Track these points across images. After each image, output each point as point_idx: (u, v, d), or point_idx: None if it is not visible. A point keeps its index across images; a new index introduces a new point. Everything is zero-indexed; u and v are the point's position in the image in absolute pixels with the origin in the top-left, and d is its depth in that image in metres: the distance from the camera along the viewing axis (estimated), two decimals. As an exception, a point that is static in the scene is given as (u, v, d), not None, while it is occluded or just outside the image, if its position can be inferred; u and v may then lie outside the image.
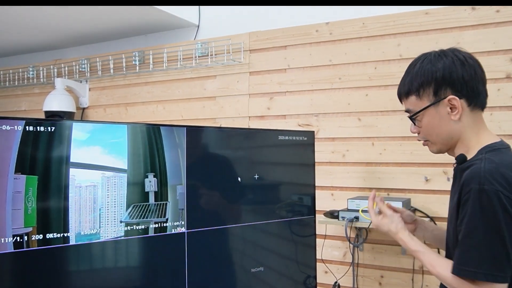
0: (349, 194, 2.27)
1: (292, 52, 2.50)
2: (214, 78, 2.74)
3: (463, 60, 1.23)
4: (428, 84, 1.25)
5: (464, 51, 1.26)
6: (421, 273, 2.13)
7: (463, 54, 1.25)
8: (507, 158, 1.18)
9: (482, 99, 1.25)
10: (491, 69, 2.03)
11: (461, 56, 1.23)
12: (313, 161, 2.04)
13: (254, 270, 1.83)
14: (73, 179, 1.40)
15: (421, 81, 1.26)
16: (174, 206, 1.61)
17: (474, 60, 1.25)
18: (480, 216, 1.11)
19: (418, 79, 1.26)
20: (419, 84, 1.26)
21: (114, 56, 3.04)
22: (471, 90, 1.22)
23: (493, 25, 2.03)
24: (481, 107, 1.26)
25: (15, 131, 1.31)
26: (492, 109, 2.02)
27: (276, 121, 2.53)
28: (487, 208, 1.10)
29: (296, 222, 1.97)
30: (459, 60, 1.23)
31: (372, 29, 2.28)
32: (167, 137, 1.61)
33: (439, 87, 1.23)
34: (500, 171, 1.12)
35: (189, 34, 2.85)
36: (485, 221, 1.10)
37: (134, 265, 1.56)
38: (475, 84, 1.22)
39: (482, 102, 1.25)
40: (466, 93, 1.22)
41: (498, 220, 1.09)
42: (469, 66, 1.22)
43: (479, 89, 1.23)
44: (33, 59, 3.54)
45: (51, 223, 1.36)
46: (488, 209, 1.10)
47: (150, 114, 2.95)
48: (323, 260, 2.33)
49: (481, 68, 1.25)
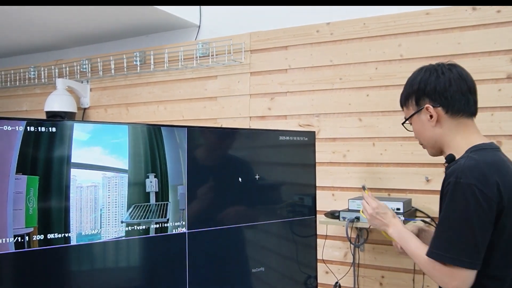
0: (350, 195, 2.27)
1: (293, 52, 2.50)
2: (215, 79, 2.74)
3: (440, 72, 1.38)
4: (411, 96, 1.43)
5: (455, 66, 1.40)
6: (422, 273, 2.13)
7: (447, 67, 1.39)
8: (490, 156, 1.29)
9: (463, 106, 1.36)
10: (491, 70, 2.03)
11: (441, 70, 1.38)
12: (314, 161, 2.04)
13: (255, 271, 1.84)
14: (74, 179, 1.40)
15: (406, 93, 1.46)
16: (175, 207, 1.61)
17: (456, 72, 1.38)
18: (454, 206, 1.23)
19: (404, 91, 1.47)
20: (405, 96, 1.46)
21: (115, 56, 3.05)
22: (446, 99, 1.36)
23: (494, 25, 2.03)
24: (463, 113, 1.37)
25: (16, 132, 1.31)
26: (493, 110, 2.02)
27: (277, 122, 2.53)
28: (461, 199, 1.21)
29: (297, 222, 1.97)
30: (435, 73, 1.38)
31: (373, 29, 2.28)
32: (168, 137, 1.62)
33: (419, 98, 1.41)
34: (479, 166, 1.23)
35: (190, 35, 2.85)
36: (457, 211, 1.22)
37: (135, 265, 1.57)
38: (450, 93, 1.35)
39: (462, 109, 1.36)
40: (441, 102, 1.36)
41: (469, 211, 1.20)
42: (444, 77, 1.37)
43: (456, 98, 1.35)
44: (34, 60, 3.55)
45: (52, 223, 1.37)
46: (461, 200, 1.21)
47: (151, 115, 2.96)
48: (324, 260, 2.33)
49: (461, 78, 1.37)
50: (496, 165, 1.27)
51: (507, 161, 1.34)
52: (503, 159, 1.32)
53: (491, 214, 1.21)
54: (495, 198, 1.20)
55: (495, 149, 1.35)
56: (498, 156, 1.32)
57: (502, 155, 1.35)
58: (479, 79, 2.04)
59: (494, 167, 1.25)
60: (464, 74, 1.39)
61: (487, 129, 2.03)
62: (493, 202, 1.20)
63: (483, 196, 1.19)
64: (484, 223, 1.20)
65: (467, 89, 1.37)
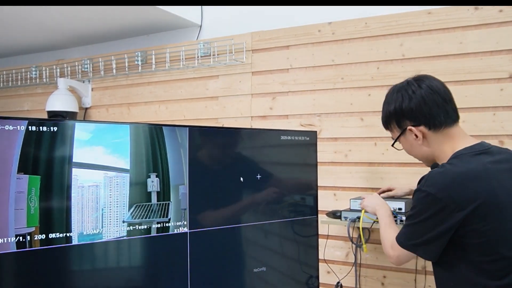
0: (351, 194, 2.27)
1: (295, 52, 2.50)
2: (216, 78, 2.74)
3: (411, 92, 1.42)
4: (390, 120, 1.49)
5: (423, 79, 1.44)
6: (424, 273, 2.13)
7: (416, 85, 1.43)
8: (464, 164, 1.33)
9: (443, 118, 1.40)
10: (494, 69, 2.03)
11: (411, 89, 1.42)
12: (316, 161, 2.04)
13: (257, 270, 1.83)
14: (76, 179, 1.40)
15: (385, 118, 1.51)
16: (177, 206, 1.61)
17: (426, 87, 1.41)
18: (413, 209, 1.38)
19: (383, 116, 1.52)
20: (385, 121, 1.52)
21: (117, 56, 3.05)
22: (424, 116, 1.40)
23: (496, 25, 2.03)
24: (445, 124, 1.40)
25: (17, 131, 1.31)
26: (495, 109, 2.02)
27: (278, 121, 2.53)
28: (416, 204, 1.36)
29: (299, 222, 1.97)
30: (407, 93, 1.42)
31: (375, 29, 2.28)
32: (169, 137, 1.62)
33: (399, 120, 1.46)
34: (444, 175, 1.32)
35: (191, 34, 2.85)
36: (413, 212, 1.38)
37: (136, 265, 1.57)
38: (428, 111, 1.39)
39: (443, 121, 1.40)
40: (421, 120, 1.41)
41: (421, 215, 1.34)
42: (416, 96, 1.41)
43: (434, 113, 1.39)
44: (35, 59, 3.55)
45: (54, 223, 1.37)
46: (416, 205, 1.37)
47: (153, 114, 2.96)
48: (326, 260, 2.33)
49: (433, 92, 1.40)
50: (465, 173, 1.31)
51: (488, 163, 1.33)
52: (481, 164, 1.32)
53: (447, 219, 1.29)
54: (452, 205, 1.28)
55: (477, 152, 1.35)
56: (474, 162, 1.33)
57: (485, 157, 1.34)
58: (481, 78, 2.05)
59: (462, 176, 1.30)
60: (435, 85, 1.42)
61: (489, 129, 2.03)
62: (449, 208, 1.28)
63: (436, 204, 1.30)
64: (435, 224, 1.31)
65: (442, 100, 1.40)
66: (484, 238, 1.28)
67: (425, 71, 2.12)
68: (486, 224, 1.27)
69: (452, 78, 2.08)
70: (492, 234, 1.28)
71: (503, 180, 1.32)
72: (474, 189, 1.28)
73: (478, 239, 1.29)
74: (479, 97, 2.05)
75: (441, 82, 1.45)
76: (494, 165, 1.33)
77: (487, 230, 1.28)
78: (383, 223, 1.61)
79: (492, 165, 1.33)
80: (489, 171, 1.31)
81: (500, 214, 1.28)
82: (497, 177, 1.31)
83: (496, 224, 1.28)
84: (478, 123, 2.05)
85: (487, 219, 1.27)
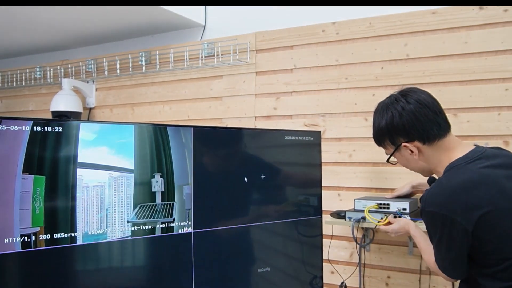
0: (355, 195, 2.27)
1: (299, 52, 2.50)
2: (220, 78, 2.74)
3: (400, 109, 1.39)
4: (383, 138, 1.47)
5: (410, 94, 1.41)
6: (428, 274, 2.12)
7: (404, 100, 1.40)
8: (460, 174, 1.32)
9: (436, 131, 1.38)
10: (498, 69, 2.02)
11: (400, 106, 1.39)
12: (320, 161, 2.03)
13: (261, 270, 1.83)
14: (81, 179, 1.41)
15: (377, 137, 1.50)
16: (181, 206, 1.61)
17: (414, 101, 1.39)
18: (428, 233, 1.40)
19: (374, 135, 1.51)
20: (377, 139, 1.51)
21: (121, 56, 3.05)
22: (418, 132, 1.38)
23: (501, 24, 2.02)
24: (439, 137, 1.39)
25: (23, 132, 1.31)
26: (500, 109, 2.01)
27: (282, 121, 2.53)
28: (427, 225, 1.37)
29: (303, 222, 1.97)
30: (396, 111, 1.40)
31: (379, 28, 2.28)
32: (173, 137, 1.62)
33: (392, 137, 1.44)
34: (442, 191, 1.31)
35: (195, 34, 2.85)
36: (430, 235, 1.39)
37: (140, 265, 1.57)
38: (419, 125, 1.38)
39: (437, 134, 1.39)
40: (414, 136, 1.39)
41: (436, 233, 1.34)
42: (406, 113, 1.38)
43: (426, 128, 1.38)
44: (40, 60, 3.56)
45: (59, 223, 1.37)
46: (427, 226, 1.38)
47: (157, 114, 2.96)
48: (330, 261, 2.33)
49: (423, 106, 1.38)
50: (463, 184, 1.29)
51: (483, 168, 1.32)
52: (476, 171, 1.31)
53: (459, 232, 1.28)
54: (459, 218, 1.26)
55: (470, 160, 1.34)
56: (468, 171, 1.31)
57: (481, 163, 1.33)
58: (486, 78, 2.04)
59: (460, 187, 1.29)
60: (423, 99, 1.40)
61: (494, 129, 2.02)
62: (457, 222, 1.27)
63: (443, 220, 1.29)
64: (454, 241, 1.31)
65: (433, 113, 1.39)
66: (493, 245, 1.27)
67: (429, 71, 2.13)
68: (493, 230, 1.27)
69: (457, 78, 2.07)
70: (500, 240, 1.27)
71: (505, 187, 1.29)
72: (475, 196, 1.27)
73: (487, 247, 1.28)
74: (483, 97, 2.04)
75: (428, 94, 1.43)
76: (491, 170, 1.31)
77: (494, 237, 1.27)
78: (422, 239, 1.56)
79: (488, 169, 1.31)
80: (484, 175, 1.30)
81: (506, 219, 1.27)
82: (496, 182, 1.29)
83: (504, 229, 1.27)
84: (482, 123, 2.04)
85: (494, 225, 1.26)
